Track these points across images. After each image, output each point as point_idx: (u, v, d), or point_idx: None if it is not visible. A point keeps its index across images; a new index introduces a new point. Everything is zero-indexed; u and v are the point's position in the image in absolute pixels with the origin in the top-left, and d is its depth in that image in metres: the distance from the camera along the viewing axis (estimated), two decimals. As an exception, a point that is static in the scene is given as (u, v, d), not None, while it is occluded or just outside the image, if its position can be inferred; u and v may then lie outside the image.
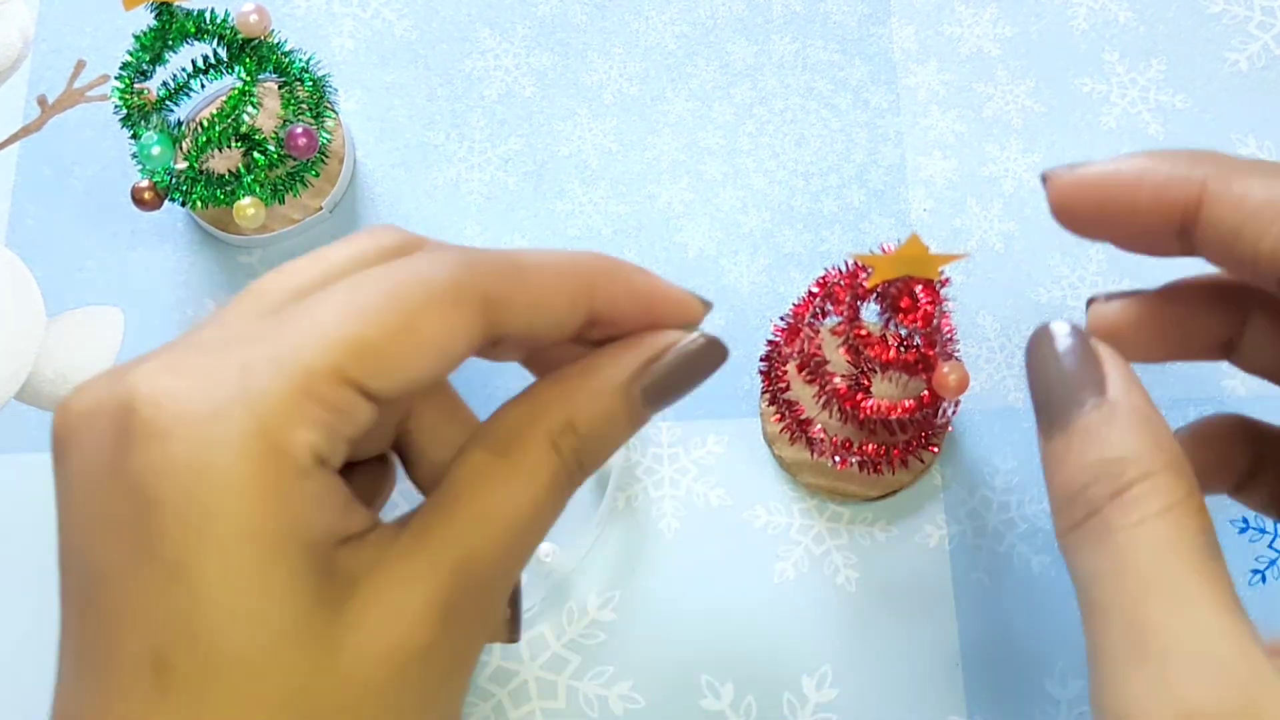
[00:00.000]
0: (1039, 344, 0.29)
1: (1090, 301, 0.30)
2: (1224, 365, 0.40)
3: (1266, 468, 0.31)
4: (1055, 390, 0.28)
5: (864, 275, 0.33)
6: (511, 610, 0.31)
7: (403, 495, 0.39)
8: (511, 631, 0.31)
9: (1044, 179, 0.29)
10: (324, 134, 0.41)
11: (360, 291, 0.25)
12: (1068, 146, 0.43)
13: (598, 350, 0.30)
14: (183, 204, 0.40)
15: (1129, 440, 0.26)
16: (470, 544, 0.27)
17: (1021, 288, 0.42)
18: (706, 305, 0.32)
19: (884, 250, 0.32)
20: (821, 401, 0.36)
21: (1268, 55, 0.44)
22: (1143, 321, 0.30)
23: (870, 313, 0.34)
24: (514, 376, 0.31)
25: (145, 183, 0.40)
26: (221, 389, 0.24)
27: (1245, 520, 0.39)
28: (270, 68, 0.40)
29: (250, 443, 0.24)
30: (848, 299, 0.34)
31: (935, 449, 0.38)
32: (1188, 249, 0.28)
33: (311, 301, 0.26)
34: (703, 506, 0.40)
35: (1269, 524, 0.39)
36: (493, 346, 0.29)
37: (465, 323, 0.26)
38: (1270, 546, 0.39)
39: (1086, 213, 0.29)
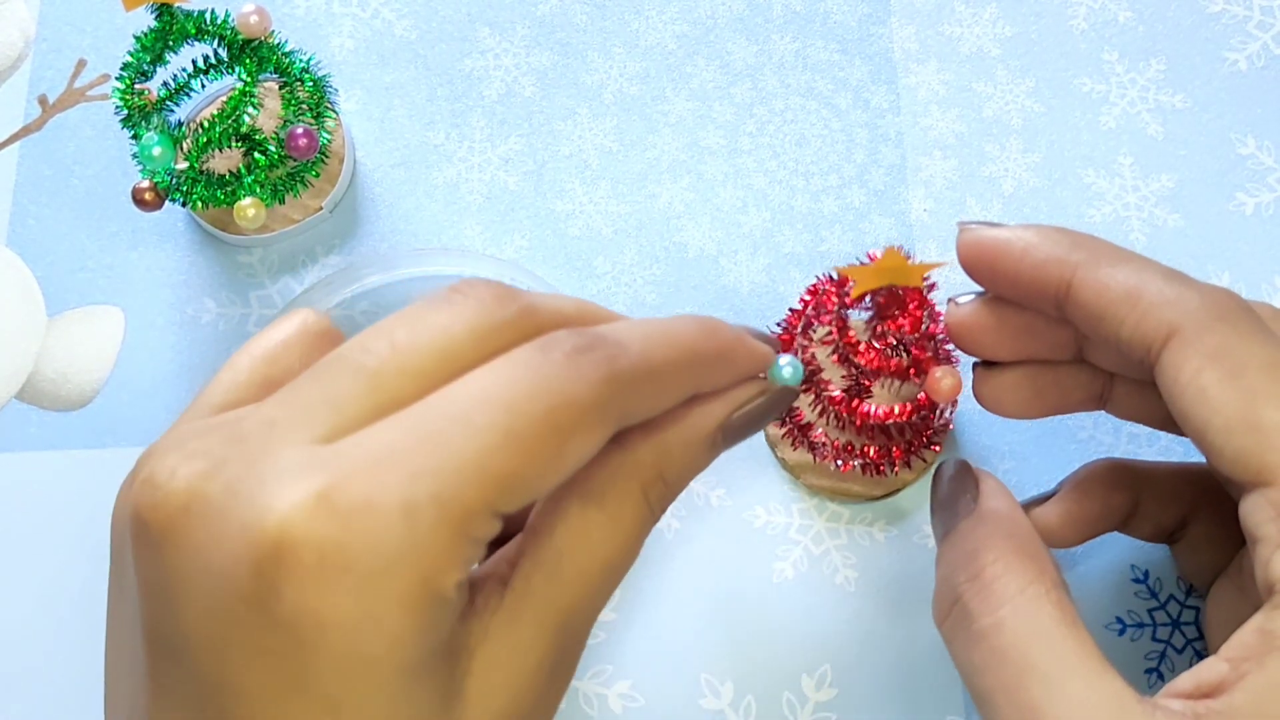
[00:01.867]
0: (936, 477, 0.34)
1: (949, 300, 0.33)
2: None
3: (1147, 503, 0.34)
4: (943, 511, 0.32)
5: (850, 285, 0.33)
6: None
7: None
8: None
9: (959, 228, 0.32)
10: (324, 134, 0.41)
11: (516, 415, 0.24)
12: (1067, 146, 0.43)
13: (687, 402, 0.30)
14: (183, 204, 0.40)
15: (985, 537, 0.30)
16: (572, 599, 0.27)
17: (1021, 288, 0.42)
18: (776, 346, 0.33)
19: (870, 258, 0.32)
20: (819, 409, 0.36)
21: (1267, 55, 0.44)
22: (990, 320, 0.33)
23: (863, 318, 0.34)
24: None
25: (146, 183, 0.40)
26: (389, 539, 0.23)
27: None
28: (270, 68, 0.40)
29: (415, 596, 0.23)
30: (835, 308, 0.34)
31: (938, 448, 0.38)
32: (1057, 315, 0.31)
33: (457, 412, 0.24)
34: (703, 506, 0.40)
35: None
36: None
37: (600, 439, 0.26)
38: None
39: (981, 271, 0.32)
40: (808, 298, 0.36)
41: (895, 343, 0.33)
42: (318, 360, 0.26)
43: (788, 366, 0.34)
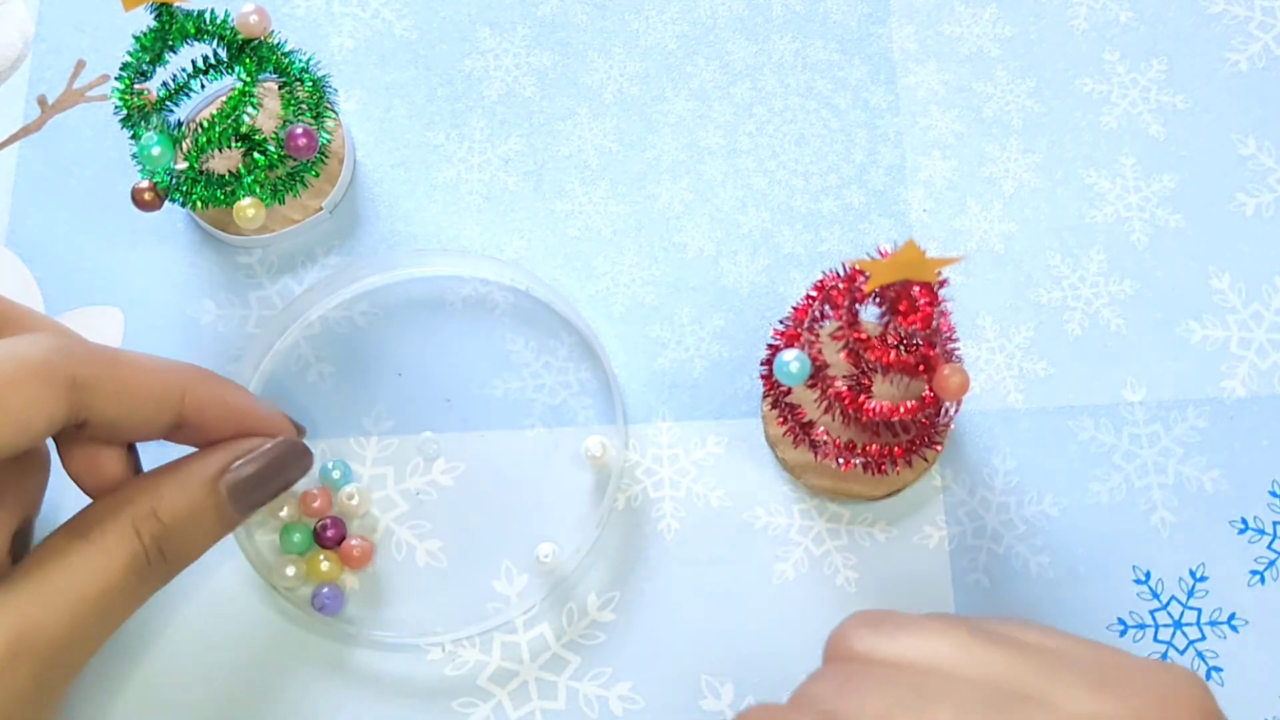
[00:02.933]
0: None
1: None
2: (1223, 365, 0.41)
3: None
4: None
5: (861, 279, 0.33)
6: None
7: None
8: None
9: None
10: (324, 134, 0.41)
11: None
12: (1068, 146, 0.43)
13: (191, 452, 0.32)
14: (183, 204, 0.40)
15: None
16: (35, 612, 0.27)
17: (1021, 288, 0.42)
18: (301, 430, 0.35)
19: (881, 254, 0.31)
20: (823, 405, 0.36)
21: (1268, 55, 0.44)
22: None
23: (870, 314, 0.34)
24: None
25: (145, 183, 0.40)
26: None
27: (1244, 520, 0.39)
28: (270, 68, 0.40)
29: None
30: (846, 303, 0.34)
31: (939, 447, 0.38)
32: None
33: None
34: (703, 507, 0.40)
35: (1268, 524, 0.39)
36: (79, 429, 0.29)
37: (49, 401, 0.27)
38: (1269, 548, 0.39)
39: None
40: (814, 293, 0.36)
41: (906, 338, 0.33)
42: None
43: (795, 361, 0.34)
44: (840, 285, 0.34)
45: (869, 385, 0.35)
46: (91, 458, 0.31)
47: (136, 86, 0.39)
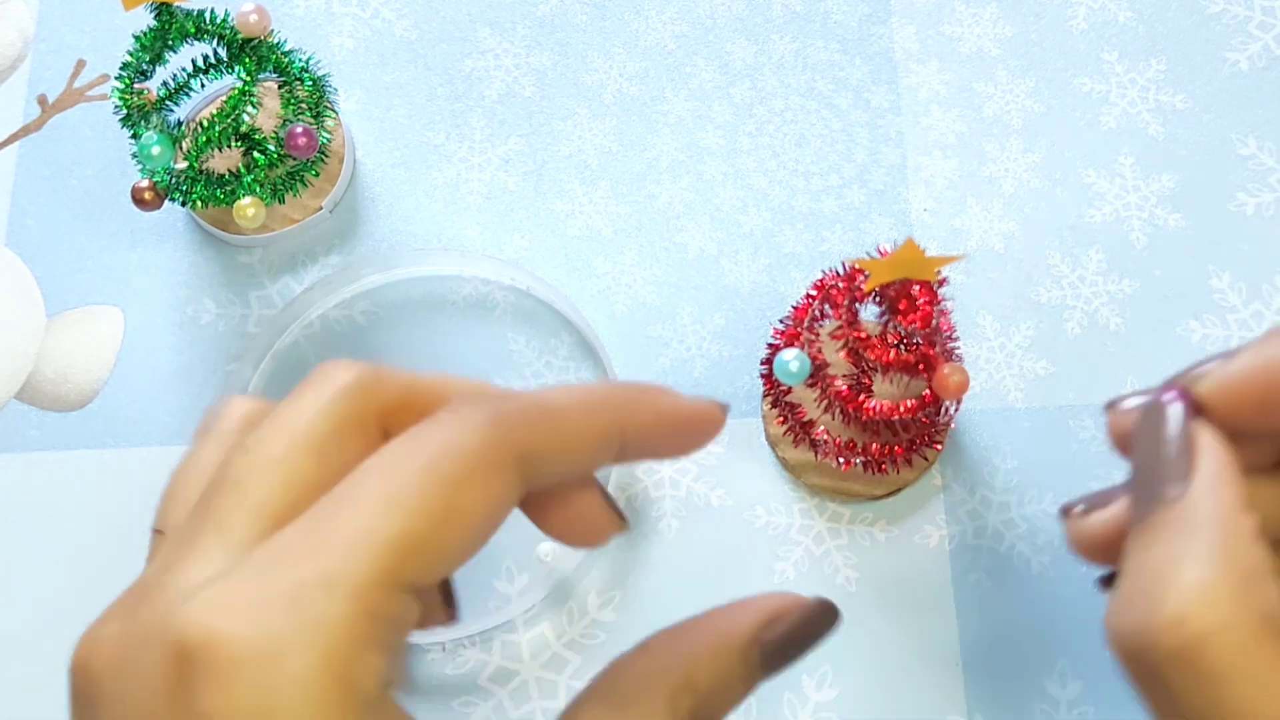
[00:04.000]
0: (1146, 421, 0.27)
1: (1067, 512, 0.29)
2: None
3: None
4: (1146, 475, 0.27)
5: (861, 278, 0.33)
6: (445, 593, 0.30)
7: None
8: (449, 614, 0.31)
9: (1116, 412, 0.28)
10: (324, 134, 0.41)
11: (395, 477, 0.23)
12: (1068, 146, 0.43)
13: (714, 609, 0.29)
14: (183, 204, 0.40)
15: (1191, 547, 0.25)
16: None
17: (1021, 288, 0.42)
18: (724, 408, 0.31)
19: (881, 253, 0.32)
20: (823, 404, 0.36)
21: (1268, 55, 0.44)
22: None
23: (870, 313, 0.34)
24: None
25: (145, 182, 0.40)
26: (277, 623, 0.22)
27: None
28: (270, 67, 0.40)
29: (316, 680, 0.22)
30: (845, 302, 0.34)
31: (939, 446, 0.38)
32: None
33: (341, 497, 0.23)
34: (703, 506, 0.40)
35: None
36: (530, 490, 0.27)
37: (505, 489, 0.25)
38: None
39: (1240, 410, 0.27)
40: (814, 292, 0.36)
41: (906, 337, 0.33)
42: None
43: (795, 360, 0.34)
44: (840, 284, 0.34)
45: (869, 384, 0.35)
46: (566, 512, 0.29)
47: (136, 86, 0.39)
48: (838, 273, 0.35)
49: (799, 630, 0.30)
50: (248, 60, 0.39)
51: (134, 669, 0.23)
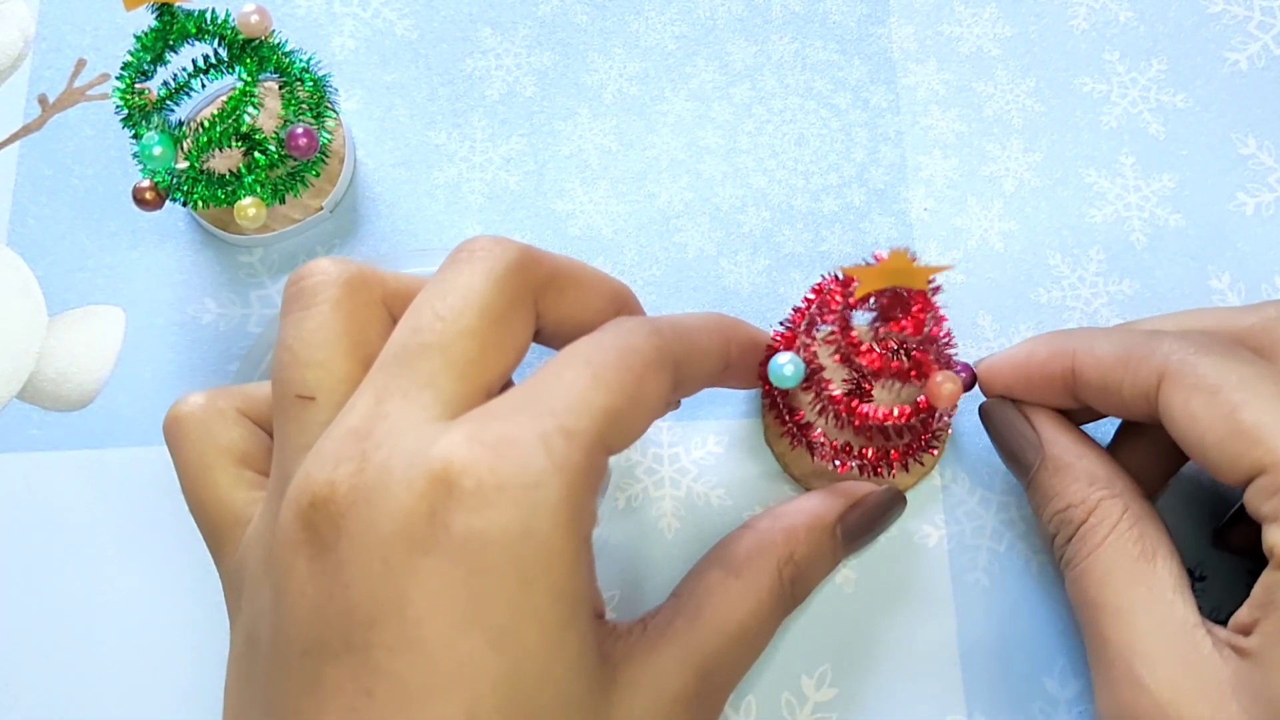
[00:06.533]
0: (989, 418, 0.37)
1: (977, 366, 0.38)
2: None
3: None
4: (1013, 455, 0.36)
5: (854, 285, 0.33)
6: None
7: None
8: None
9: (977, 369, 0.37)
10: (324, 134, 0.41)
11: (598, 362, 0.28)
12: (1068, 146, 0.43)
13: (804, 495, 0.37)
14: (183, 204, 0.40)
15: (1062, 487, 0.34)
16: (711, 648, 0.31)
17: (1021, 288, 0.42)
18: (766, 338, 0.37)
19: (876, 259, 0.32)
20: (818, 408, 0.36)
21: (1268, 55, 0.44)
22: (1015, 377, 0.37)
23: (866, 319, 0.34)
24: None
25: (146, 182, 0.40)
26: (535, 460, 0.26)
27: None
28: (271, 68, 0.40)
29: (565, 509, 0.26)
30: (839, 309, 0.34)
31: (935, 451, 0.38)
32: (1078, 403, 0.35)
33: (558, 368, 0.28)
34: (703, 506, 0.40)
35: None
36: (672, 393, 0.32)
37: (667, 385, 0.30)
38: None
39: (1009, 388, 0.36)
40: (811, 296, 0.36)
41: (898, 345, 0.33)
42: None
43: (789, 364, 0.34)
44: (835, 290, 0.34)
45: (869, 390, 0.35)
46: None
47: (137, 86, 0.39)
48: (835, 278, 0.35)
49: (874, 513, 0.37)
50: (249, 60, 0.39)
51: (384, 497, 0.26)
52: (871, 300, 0.32)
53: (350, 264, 0.31)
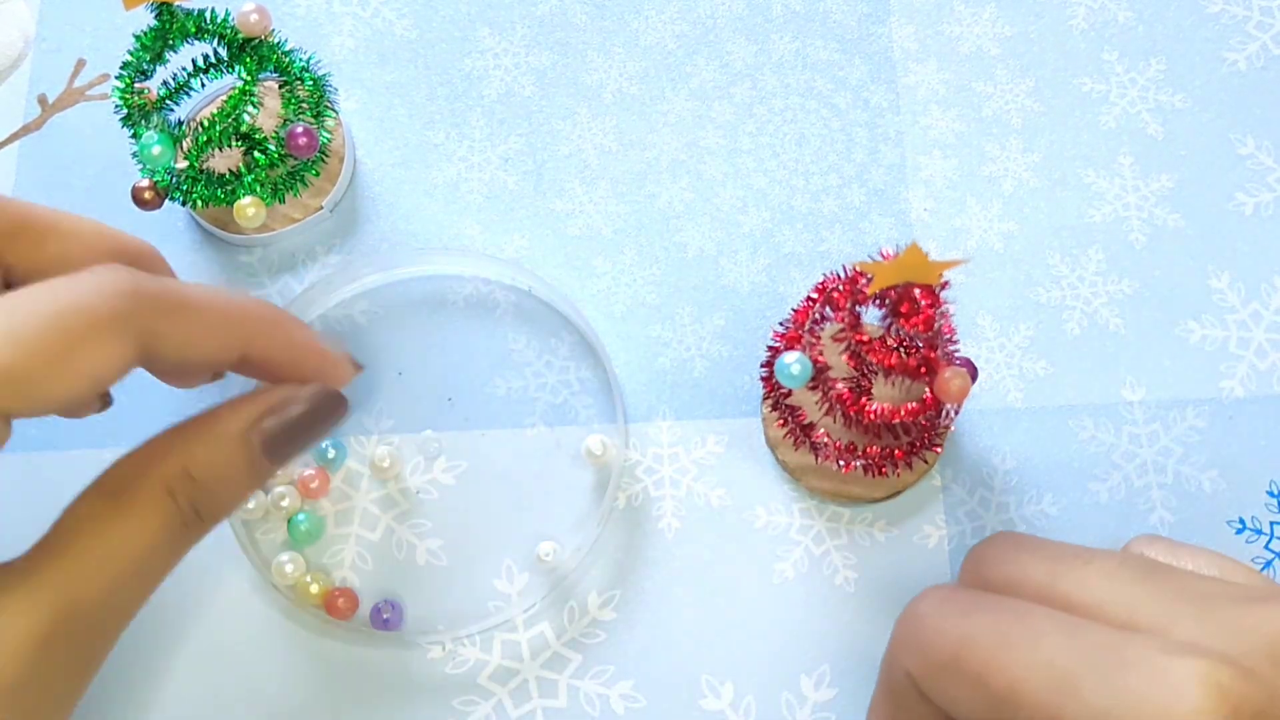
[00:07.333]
0: None
1: None
2: (1222, 365, 0.41)
3: None
4: None
5: (863, 281, 0.33)
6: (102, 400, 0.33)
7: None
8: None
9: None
10: (324, 133, 0.41)
11: (17, 315, 0.25)
12: (1068, 146, 0.43)
13: (220, 403, 0.31)
14: (183, 203, 0.40)
15: None
16: (75, 584, 0.27)
17: (1021, 288, 0.42)
18: (358, 368, 0.34)
19: (883, 255, 0.32)
20: (824, 407, 0.36)
21: (1266, 55, 0.45)
22: None
23: (871, 316, 0.34)
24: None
25: (146, 182, 0.40)
26: None
27: (1242, 520, 0.39)
28: (270, 67, 0.40)
29: None
30: (847, 305, 0.34)
31: (938, 449, 0.38)
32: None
33: None
34: (703, 506, 0.40)
35: (1265, 524, 0.39)
36: (144, 365, 0.29)
37: (120, 354, 0.26)
38: (1266, 548, 0.39)
39: None
40: (815, 295, 0.36)
41: (907, 341, 0.33)
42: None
43: (796, 364, 0.34)
44: (842, 287, 0.34)
45: (869, 387, 0.35)
46: (179, 381, 0.32)
47: (137, 85, 0.39)
48: (839, 275, 0.35)
49: (300, 421, 0.31)
50: (248, 60, 0.39)
51: None
52: (878, 298, 0.32)
53: None
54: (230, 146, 0.40)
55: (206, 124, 0.39)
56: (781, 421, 0.38)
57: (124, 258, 0.30)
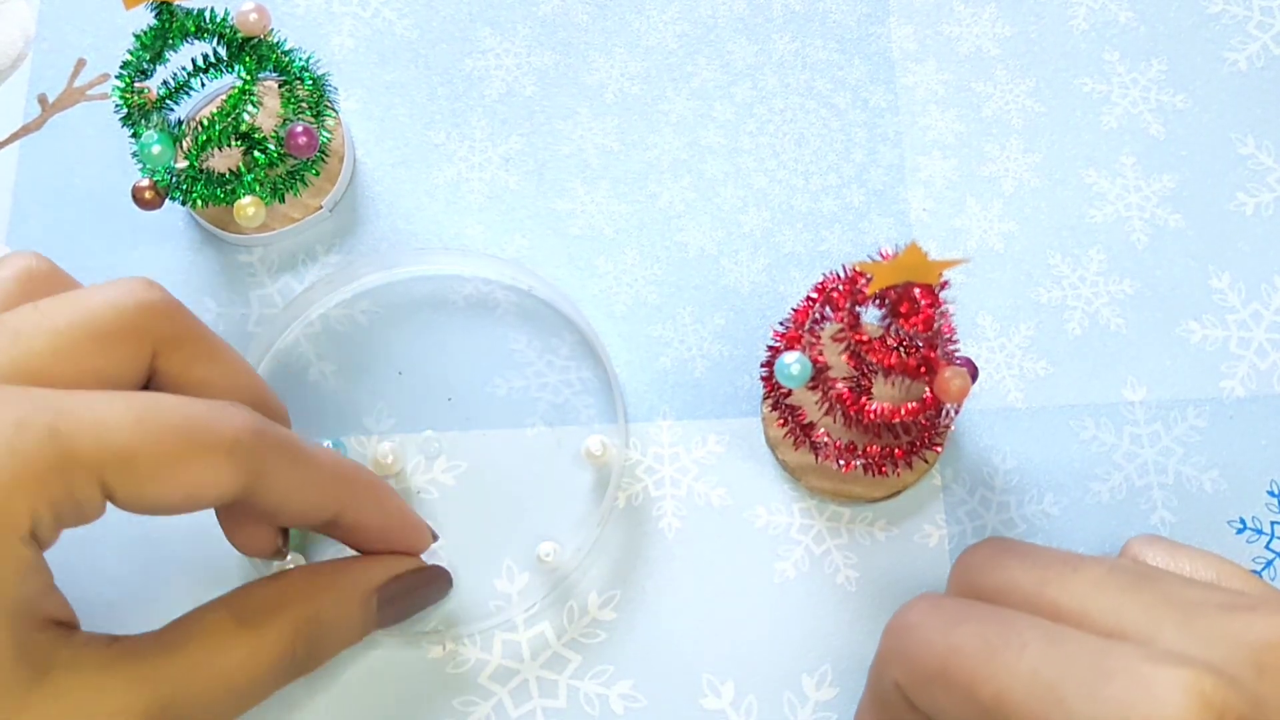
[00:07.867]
0: None
1: None
2: (1223, 365, 0.41)
3: None
4: None
5: (863, 281, 0.33)
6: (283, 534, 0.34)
7: (403, 494, 0.39)
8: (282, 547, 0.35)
9: None
10: (324, 133, 0.41)
11: (159, 412, 0.27)
12: (1068, 146, 0.43)
13: (350, 558, 0.34)
14: (183, 203, 0.40)
15: None
16: (179, 687, 0.28)
17: (1021, 288, 0.42)
18: (434, 537, 0.37)
19: (883, 255, 0.32)
20: (824, 407, 0.36)
21: (1267, 55, 0.45)
22: None
23: (871, 315, 0.34)
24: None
25: (146, 182, 0.40)
26: None
27: (1243, 520, 0.39)
28: (270, 66, 0.40)
29: None
30: (847, 305, 0.34)
31: (939, 448, 0.38)
32: None
33: (106, 396, 0.27)
34: (703, 506, 0.40)
35: (1266, 524, 0.39)
36: (243, 500, 0.30)
37: (227, 480, 0.28)
38: (1267, 547, 0.39)
39: None
40: (815, 295, 0.36)
41: (907, 340, 0.33)
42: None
43: (796, 364, 0.34)
44: (841, 287, 0.34)
45: (869, 387, 0.35)
46: (251, 530, 0.33)
47: (137, 85, 0.39)
48: (839, 275, 0.35)
49: (416, 592, 0.35)
50: (248, 59, 0.39)
51: None
52: (878, 297, 0.32)
53: None
54: (230, 146, 0.40)
55: (206, 123, 0.39)
56: (781, 421, 0.38)
57: (257, 403, 0.31)
